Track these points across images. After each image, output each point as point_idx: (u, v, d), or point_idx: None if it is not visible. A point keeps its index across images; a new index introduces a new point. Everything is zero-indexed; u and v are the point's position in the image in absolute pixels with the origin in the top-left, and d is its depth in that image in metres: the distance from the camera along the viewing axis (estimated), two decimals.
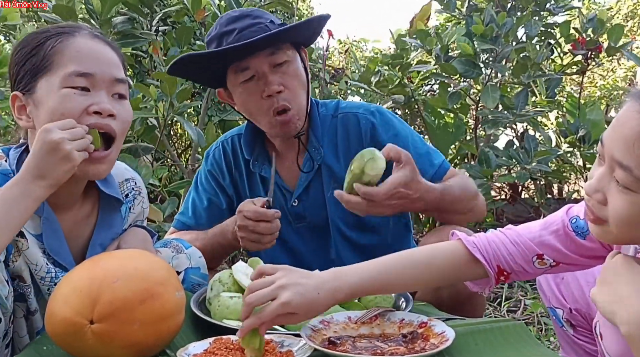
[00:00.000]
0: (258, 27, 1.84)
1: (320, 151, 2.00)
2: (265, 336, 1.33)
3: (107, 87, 1.46)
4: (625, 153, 1.05)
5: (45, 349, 1.32)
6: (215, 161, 2.12)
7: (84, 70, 1.43)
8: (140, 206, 1.73)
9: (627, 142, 1.04)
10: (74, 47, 1.45)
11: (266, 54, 1.85)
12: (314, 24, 1.96)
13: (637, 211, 1.07)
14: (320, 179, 2.01)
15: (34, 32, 1.53)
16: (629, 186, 1.06)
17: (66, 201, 1.54)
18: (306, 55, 2.02)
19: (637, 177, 1.04)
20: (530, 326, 2.83)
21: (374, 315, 1.43)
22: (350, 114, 2.03)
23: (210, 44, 1.92)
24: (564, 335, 1.72)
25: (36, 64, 1.44)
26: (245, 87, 1.89)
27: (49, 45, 1.44)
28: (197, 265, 1.73)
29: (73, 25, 1.53)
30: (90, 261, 1.35)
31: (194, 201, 2.13)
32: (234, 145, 2.11)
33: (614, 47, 3.72)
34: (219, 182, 2.11)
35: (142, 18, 3.00)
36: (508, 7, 3.91)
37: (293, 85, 1.89)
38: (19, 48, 1.50)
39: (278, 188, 2.04)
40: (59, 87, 1.42)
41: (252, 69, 1.86)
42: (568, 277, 1.63)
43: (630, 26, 8.05)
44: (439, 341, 1.29)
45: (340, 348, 1.28)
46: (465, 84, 3.96)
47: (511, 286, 3.42)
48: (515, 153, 3.64)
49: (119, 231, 1.65)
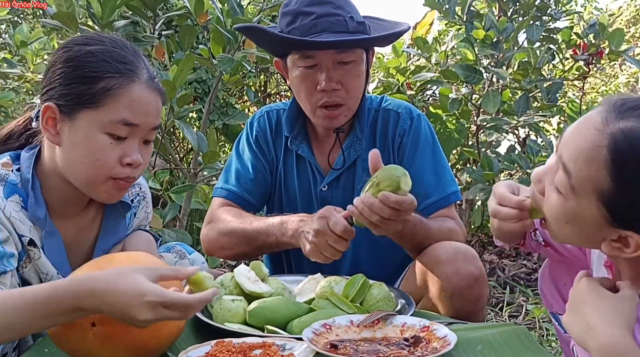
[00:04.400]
0: (336, 20, 1.83)
1: (362, 143, 2.00)
2: (267, 339, 1.33)
3: (143, 135, 1.46)
4: (571, 160, 1.11)
5: (46, 351, 1.32)
6: (260, 128, 2.09)
7: (131, 121, 1.41)
8: (144, 211, 1.73)
9: (574, 151, 1.10)
10: (129, 96, 1.40)
11: (335, 51, 1.84)
12: (394, 37, 1.98)
13: (563, 215, 1.16)
14: (354, 169, 2.02)
15: (87, 46, 1.43)
16: (561, 188, 1.14)
17: (72, 211, 1.55)
18: (373, 55, 2.02)
19: (571, 185, 1.11)
20: (531, 331, 2.82)
21: (376, 319, 1.43)
22: (393, 112, 2.03)
23: (284, 16, 1.89)
24: (566, 341, 1.71)
25: (85, 93, 1.39)
26: (304, 72, 1.88)
27: (105, 86, 1.39)
28: None
29: (133, 64, 1.44)
30: (93, 263, 1.34)
31: (238, 168, 2.08)
32: (279, 118, 2.09)
33: (615, 52, 3.72)
34: (264, 152, 2.08)
35: (145, 21, 3.00)
36: (509, 13, 3.92)
37: (352, 85, 1.89)
38: (69, 63, 1.42)
39: (311, 170, 2.05)
40: (101, 130, 1.40)
41: (315, 59, 1.86)
42: (570, 284, 1.62)
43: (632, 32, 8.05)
44: (441, 345, 1.29)
45: (342, 351, 1.28)
46: (466, 90, 3.96)
47: (513, 291, 3.42)
48: (517, 158, 3.64)
49: (123, 237, 1.64)
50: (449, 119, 4.30)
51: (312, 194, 2.04)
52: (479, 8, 4.14)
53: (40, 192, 1.46)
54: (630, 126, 1.05)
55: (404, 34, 2.00)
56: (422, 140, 1.99)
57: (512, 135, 4.69)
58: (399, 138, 1.99)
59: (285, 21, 1.88)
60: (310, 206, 2.01)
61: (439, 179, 1.95)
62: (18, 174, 1.46)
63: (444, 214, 1.93)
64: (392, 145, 2.00)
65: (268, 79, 5.65)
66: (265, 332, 1.44)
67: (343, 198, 2.02)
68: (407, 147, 1.97)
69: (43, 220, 1.45)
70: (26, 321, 1.14)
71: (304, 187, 2.05)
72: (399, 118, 2.01)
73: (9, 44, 3.43)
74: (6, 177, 1.44)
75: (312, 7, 1.83)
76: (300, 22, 1.83)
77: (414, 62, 4.34)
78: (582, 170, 1.09)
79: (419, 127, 2.00)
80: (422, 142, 1.99)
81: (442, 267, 1.71)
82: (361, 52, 1.91)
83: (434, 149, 2.01)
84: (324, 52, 1.84)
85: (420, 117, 2.03)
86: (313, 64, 1.86)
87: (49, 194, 1.48)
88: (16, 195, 1.43)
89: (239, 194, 2.04)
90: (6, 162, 1.47)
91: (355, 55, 1.88)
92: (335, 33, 1.81)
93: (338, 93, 1.87)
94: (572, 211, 1.14)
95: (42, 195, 1.47)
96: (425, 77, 3.95)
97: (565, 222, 1.17)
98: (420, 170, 1.94)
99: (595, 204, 1.10)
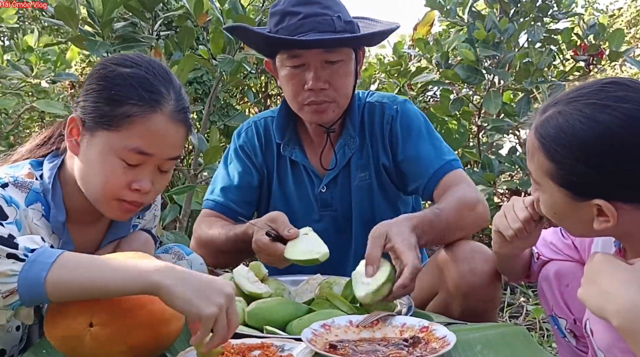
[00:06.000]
0: (323, 19, 1.83)
1: (355, 140, 2.00)
2: (266, 339, 1.33)
3: (159, 163, 1.45)
4: (528, 158, 1.32)
5: (44, 352, 1.32)
6: (247, 138, 2.10)
7: (145, 150, 1.41)
8: (152, 214, 1.75)
9: (528, 150, 1.31)
10: (147, 126, 1.40)
11: (322, 50, 1.84)
12: (381, 35, 1.97)
13: (547, 207, 1.32)
14: (349, 168, 2.02)
15: (122, 67, 1.44)
16: (535, 187, 1.34)
17: (90, 219, 1.56)
18: (363, 55, 2.01)
19: (535, 181, 1.32)
20: (532, 332, 2.81)
21: (376, 319, 1.43)
22: (377, 103, 2.03)
23: (272, 16, 1.90)
24: (565, 345, 1.69)
25: (106, 115, 1.40)
26: (291, 72, 1.89)
27: (126, 112, 1.39)
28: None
29: (160, 93, 1.42)
30: None
31: (224, 178, 2.10)
32: (267, 126, 2.10)
33: (615, 52, 3.72)
34: (252, 159, 2.09)
35: (144, 22, 3.00)
36: (511, 14, 3.92)
37: (340, 84, 1.89)
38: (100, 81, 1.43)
39: (306, 173, 2.05)
40: (114, 153, 1.40)
41: (303, 59, 1.86)
42: (574, 286, 1.59)
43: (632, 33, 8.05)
44: (440, 345, 1.28)
45: (341, 351, 1.27)
46: (467, 91, 3.96)
47: (513, 292, 3.41)
48: (518, 159, 3.64)
49: (122, 236, 1.65)
50: (450, 120, 4.30)
51: (310, 198, 2.05)
52: (480, 9, 4.14)
53: (61, 199, 1.48)
54: (548, 115, 1.26)
55: (392, 32, 1.98)
56: (413, 120, 1.99)
57: (514, 136, 4.69)
58: (387, 125, 1.99)
59: (273, 21, 1.88)
60: (310, 209, 2.02)
61: (437, 150, 1.95)
62: (41, 182, 1.48)
63: (451, 181, 1.89)
64: (382, 135, 2.00)
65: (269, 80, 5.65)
66: (264, 332, 1.44)
67: (342, 197, 2.03)
68: (399, 131, 1.97)
69: (62, 228, 1.47)
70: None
71: (302, 192, 2.06)
72: (384, 107, 2.02)
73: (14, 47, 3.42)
74: (30, 185, 1.45)
75: (299, 7, 1.84)
76: (288, 22, 1.83)
77: (414, 64, 4.34)
78: (532, 163, 1.30)
79: (406, 109, 2.01)
80: (413, 122, 1.99)
81: (459, 265, 1.71)
82: (349, 51, 1.90)
83: (427, 126, 2.01)
84: (311, 52, 1.84)
85: (405, 101, 2.04)
86: (300, 63, 1.86)
87: (70, 201, 1.50)
88: (38, 203, 1.45)
89: (224, 204, 2.05)
90: (29, 173, 1.48)
91: (342, 54, 1.87)
92: (322, 32, 1.81)
93: (326, 92, 1.87)
94: (551, 202, 1.30)
95: (64, 202, 1.48)
96: (426, 78, 3.95)
97: (554, 215, 1.32)
98: (418, 147, 1.95)
99: (555, 187, 1.26)
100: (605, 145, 1.18)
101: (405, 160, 1.97)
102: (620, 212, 1.20)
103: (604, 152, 1.18)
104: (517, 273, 1.74)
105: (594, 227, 1.24)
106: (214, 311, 1.13)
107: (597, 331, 1.34)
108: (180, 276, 1.15)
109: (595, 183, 1.20)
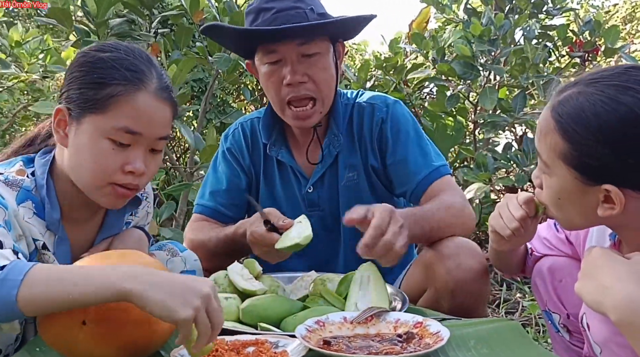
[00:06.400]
0: (296, 12, 1.83)
1: (339, 139, 1.99)
2: (260, 336, 1.33)
3: (148, 144, 1.45)
4: (537, 141, 1.30)
5: (37, 350, 1.32)
6: (234, 140, 2.10)
7: (133, 129, 1.41)
8: (145, 211, 1.74)
9: (538, 132, 1.30)
10: (133, 104, 1.41)
11: (297, 43, 1.84)
12: (352, 22, 1.94)
13: (553, 192, 1.30)
14: (336, 167, 2.01)
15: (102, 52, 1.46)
16: (544, 170, 1.31)
17: (84, 215, 1.56)
18: (343, 49, 2.01)
19: (544, 163, 1.29)
20: (528, 327, 2.82)
21: (370, 315, 1.43)
22: (367, 104, 2.02)
23: (248, 15, 1.91)
24: (558, 340, 1.70)
25: (91, 99, 1.41)
26: (269, 69, 1.88)
27: (110, 93, 1.40)
28: (192, 268, 1.73)
29: (143, 72, 1.44)
30: (83, 262, 1.33)
31: (213, 182, 2.10)
32: (253, 127, 2.10)
33: (611, 49, 3.73)
34: (239, 162, 2.09)
35: (142, 20, 3.00)
36: (506, 10, 3.92)
37: (319, 78, 1.88)
38: (82, 68, 1.45)
39: (293, 174, 2.04)
40: (103, 135, 1.41)
41: (279, 54, 1.85)
42: (567, 281, 1.60)
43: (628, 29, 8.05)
44: (433, 341, 1.28)
45: (335, 348, 1.27)
46: (463, 87, 3.96)
47: (510, 288, 3.42)
48: (514, 156, 3.64)
49: (116, 233, 1.65)
50: (446, 116, 4.30)
51: (297, 198, 2.04)
52: (475, 6, 4.14)
53: (55, 195, 1.48)
54: (567, 94, 1.24)
55: (367, 21, 1.95)
56: (402, 123, 1.98)
57: (510, 132, 4.69)
58: (377, 127, 1.98)
59: (248, 20, 1.89)
60: (297, 209, 2.00)
61: (426, 155, 1.95)
62: (32, 179, 1.48)
63: (439, 188, 1.90)
64: (371, 137, 1.99)
65: None
66: (258, 329, 1.44)
67: (330, 197, 2.02)
68: (389, 134, 1.97)
69: (57, 224, 1.47)
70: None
71: (289, 192, 2.05)
72: (374, 109, 2.00)
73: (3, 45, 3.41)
74: (21, 183, 1.45)
75: (272, 2, 1.84)
76: (262, 18, 1.84)
77: (411, 60, 4.33)
78: (543, 144, 1.28)
79: (396, 112, 2.00)
80: (403, 125, 1.98)
81: (445, 262, 1.71)
82: (326, 44, 1.90)
83: (416, 129, 2.00)
84: (287, 46, 1.83)
85: (396, 103, 2.03)
86: (277, 58, 1.86)
87: (63, 197, 1.50)
88: (29, 201, 1.45)
89: (213, 208, 2.06)
90: (20, 170, 1.48)
91: (318, 47, 1.87)
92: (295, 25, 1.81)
93: (306, 86, 1.86)
94: (558, 185, 1.28)
95: (57, 198, 1.48)
96: (422, 74, 3.95)
97: (558, 199, 1.30)
98: (407, 152, 1.94)
99: (566, 169, 1.24)
100: (627, 126, 1.16)
101: (394, 164, 1.96)
102: (628, 200, 1.19)
103: (624, 134, 1.17)
104: (512, 269, 1.74)
105: (596, 215, 1.24)
106: (188, 314, 1.10)
107: (593, 325, 1.35)
108: (153, 280, 1.13)
109: (609, 166, 1.19)
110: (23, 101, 4.42)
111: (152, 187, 1.79)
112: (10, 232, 1.33)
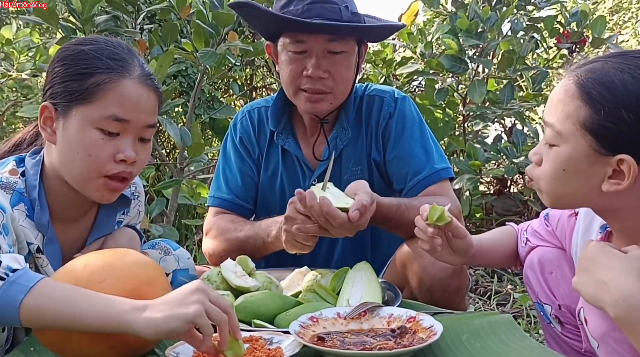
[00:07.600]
0: (330, 7, 1.82)
1: (348, 133, 1.99)
2: (254, 333, 1.33)
3: (137, 132, 1.45)
4: (549, 113, 1.28)
5: (32, 350, 1.32)
6: (243, 128, 2.09)
7: (121, 116, 1.41)
8: (136, 209, 1.73)
9: (551, 104, 1.28)
10: (119, 91, 1.41)
11: (326, 39, 1.83)
12: (387, 30, 1.97)
13: (558, 163, 1.27)
14: (340, 160, 2.01)
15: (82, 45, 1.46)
16: (552, 141, 1.27)
17: (74, 215, 1.56)
18: (365, 50, 2.01)
19: (557, 132, 1.26)
20: (519, 319, 2.84)
21: (363, 311, 1.43)
22: (377, 97, 2.02)
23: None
24: (550, 331, 1.71)
25: (76, 91, 1.40)
26: (292, 57, 1.88)
27: (95, 82, 1.40)
28: (185, 266, 1.72)
29: (125, 60, 1.45)
30: (76, 261, 1.33)
31: (227, 174, 2.09)
32: (260, 115, 2.09)
33: (598, 39, 3.75)
34: (249, 151, 2.08)
35: (127, 16, 2.98)
36: (493, 2, 3.93)
37: (340, 76, 1.88)
38: (64, 62, 1.44)
39: (299, 164, 2.04)
40: (92, 125, 1.40)
41: (306, 45, 1.85)
42: (558, 273, 1.61)
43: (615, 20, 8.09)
44: (427, 335, 1.29)
45: (329, 344, 1.28)
46: (452, 80, 3.97)
47: (501, 280, 3.44)
48: (503, 148, 3.66)
49: (108, 233, 1.64)
50: (436, 109, 4.31)
51: (301, 188, 2.02)
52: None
53: (44, 197, 1.47)
54: (591, 66, 1.24)
55: (397, 30, 2.01)
56: (409, 120, 1.98)
57: (499, 124, 4.71)
58: (384, 121, 1.98)
59: (279, 4, 1.87)
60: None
61: (429, 156, 1.94)
62: (24, 180, 1.47)
63: (436, 191, 1.89)
64: (377, 129, 1.99)
65: (254, 72, 5.63)
66: (252, 326, 1.44)
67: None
68: (394, 129, 1.97)
69: (46, 226, 1.46)
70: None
71: (293, 181, 2.05)
72: (383, 102, 2.00)
73: None
74: (14, 185, 1.44)
75: None
76: (295, 5, 1.83)
77: (399, 54, 4.34)
78: (561, 112, 1.25)
79: (403, 108, 1.99)
80: (409, 122, 1.98)
81: (420, 259, 1.71)
82: (353, 43, 1.90)
83: (421, 128, 2.00)
84: (315, 39, 1.83)
85: (405, 99, 2.02)
86: (303, 49, 1.85)
87: (52, 198, 1.49)
88: (22, 203, 1.44)
89: (231, 201, 2.05)
90: (13, 169, 1.47)
91: (346, 46, 1.87)
92: (328, 20, 1.81)
93: (324, 82, 1.86)
94: (566, 155, 1.25)
95: (46, 200, 1.47)
96: (411, 68, 3.96)
97: (562, 171, 1.26)
98: (409, 149, 1.94)
99: (581, 136, 1.22)
100: None
101: (395, 159, 1.96)
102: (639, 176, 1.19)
103: None
104: (498, 265, 1.75)
105: (595, 192, 1.23)
106: (196, 308, 1.11)
107: (591, 320, 1.34)
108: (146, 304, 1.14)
109: (628, 135, 1.18)
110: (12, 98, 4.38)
111: (142, 185, 1.78)
112: (7, 236, 1.33)
